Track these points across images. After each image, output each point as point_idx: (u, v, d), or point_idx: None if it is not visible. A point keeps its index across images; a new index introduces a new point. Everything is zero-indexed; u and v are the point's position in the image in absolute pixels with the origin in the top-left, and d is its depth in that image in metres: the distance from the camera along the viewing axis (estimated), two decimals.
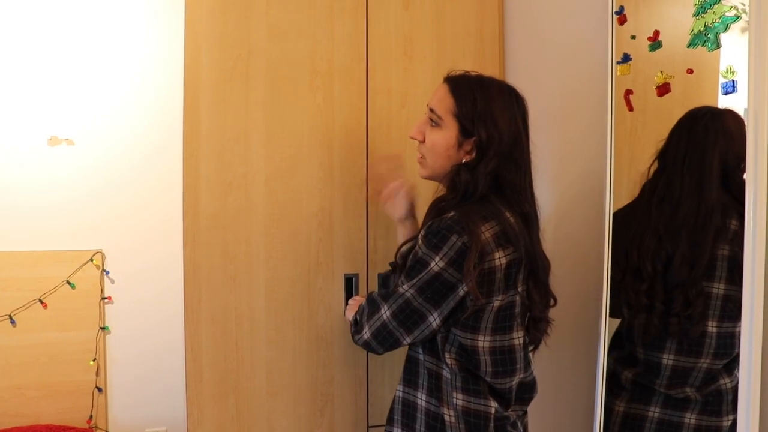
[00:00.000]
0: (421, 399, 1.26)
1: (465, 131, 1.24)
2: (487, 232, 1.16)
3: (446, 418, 1.21)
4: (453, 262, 1.16)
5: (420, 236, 1.22)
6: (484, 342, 1.20)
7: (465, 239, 1.14)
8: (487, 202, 1.22)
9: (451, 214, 1.18)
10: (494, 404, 1.22)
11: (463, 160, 1.25)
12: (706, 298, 1.22)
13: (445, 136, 1.26)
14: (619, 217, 1.37)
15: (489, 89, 1.26)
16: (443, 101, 1.27)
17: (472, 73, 1.29)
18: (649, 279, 1.30)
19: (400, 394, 1.32)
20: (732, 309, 1.19)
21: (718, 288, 1.21)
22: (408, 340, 1.23)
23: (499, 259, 1.17)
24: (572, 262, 1.65)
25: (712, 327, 1.22)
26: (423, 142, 1.31)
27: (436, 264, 1.17)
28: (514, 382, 1.25)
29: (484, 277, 1.16)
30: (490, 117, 1.22)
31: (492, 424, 1.21)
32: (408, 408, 1.29)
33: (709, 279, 1.21)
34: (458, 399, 1.21)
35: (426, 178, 1.34)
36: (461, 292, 1.17)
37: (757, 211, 0.96)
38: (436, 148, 1.28)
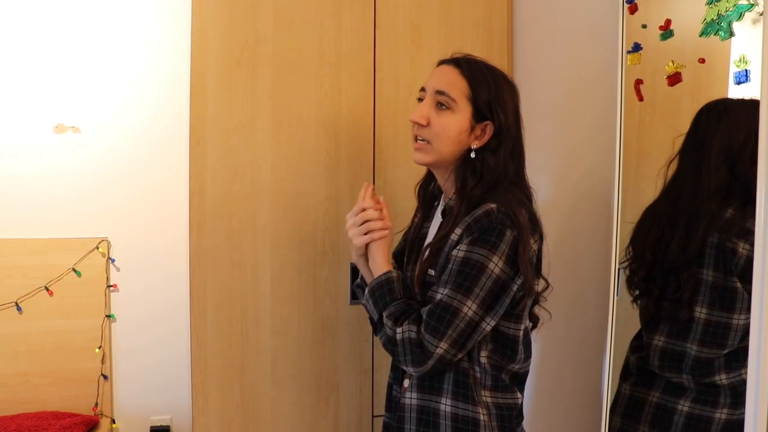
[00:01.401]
0: (445, 404, 1.18)
1: (479, 115, 1.21)
2: (524, 220, 1.13)
3: (480, 418, 1.16)
4: (508, 259, 1.11)
5: (467, 236, 1.13)
6: (521, 330, 1.19)
7: (515, 232, 1.11)
8: (511, 188, 1.19)
9: (493, 206, 1.12)
10: (519, 395, 1.22)
11: (473, 145, 1.21)
12: (696, 283, 1.23)
13: (458, 119, 1.20)
14: (644, 212, 1.39)
15: (495, 73, 1.24)
16: (455, 83, 1.21)
17: (477, 57, 1.27)
18: (647, 267, 1.33)
19: (414, 401, 1.22)
20: (718, 297, 1.21)
21: (707, 274, 1.22)
22: (460, 356, 1.15)
23: (534, 245, 1.16)
24: (580, 251, 1.64)
25: (700, 312, 1.23)
26: (426, 126, 1.22)
27: (496, 266, 1.10)
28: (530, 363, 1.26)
29: (531, 266, 1.14)
30: (503, 101, 1.21)
31: (515, 413, 1.21)
32: (426, 416, 1.20)
33: (699, 265, 1.23)
34: (488, 397, 1.18)
35: (425, 164, 1.27)
36: (514, 287, 1.13)
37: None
38: (447, 132, 1.21)
